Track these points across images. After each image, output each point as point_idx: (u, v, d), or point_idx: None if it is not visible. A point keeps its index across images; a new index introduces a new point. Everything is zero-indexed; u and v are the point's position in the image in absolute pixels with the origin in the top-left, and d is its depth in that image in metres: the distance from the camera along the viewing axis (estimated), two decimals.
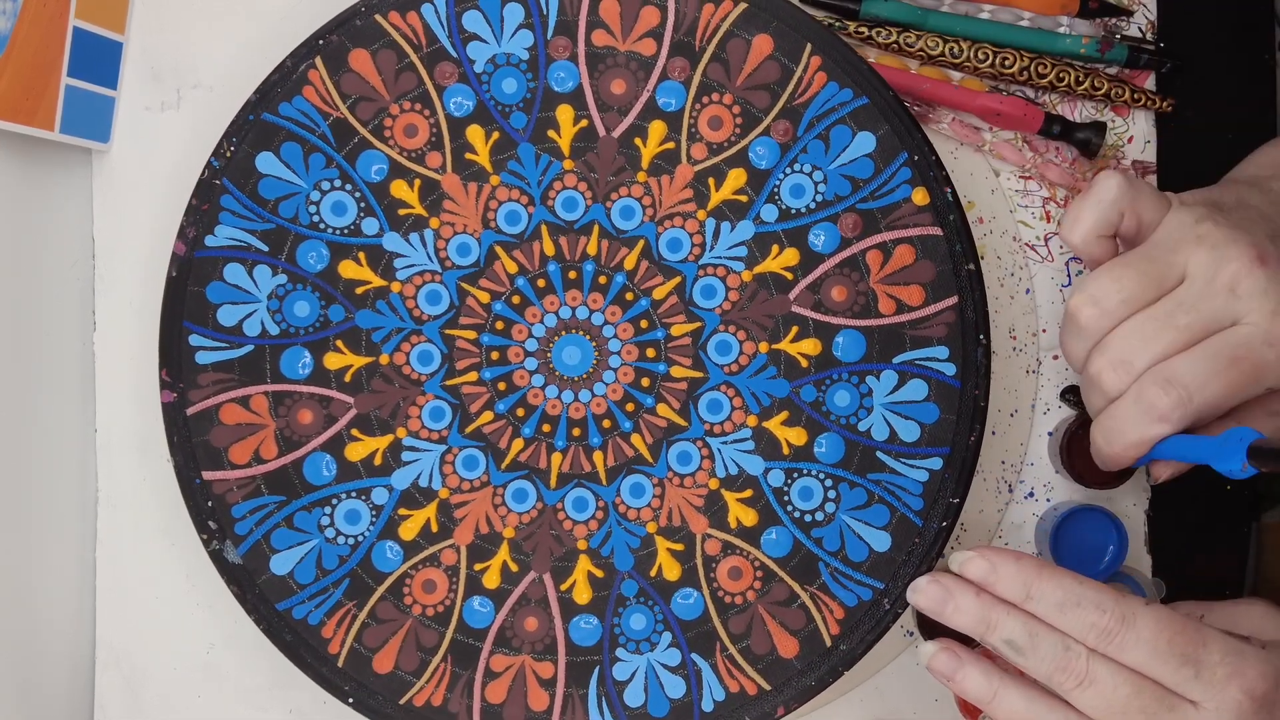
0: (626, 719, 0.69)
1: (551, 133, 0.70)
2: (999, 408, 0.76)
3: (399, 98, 0.70)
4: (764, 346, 0.70)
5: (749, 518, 0.70)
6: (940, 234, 0.69)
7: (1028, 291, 0.77)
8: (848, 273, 0.70)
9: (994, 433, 0.76)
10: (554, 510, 0.70)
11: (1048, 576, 0.59)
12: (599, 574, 0.70)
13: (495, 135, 0.70)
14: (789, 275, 0.70)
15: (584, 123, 0.70)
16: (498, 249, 0.70)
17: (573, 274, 0.70)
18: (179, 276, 0.70)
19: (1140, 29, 0.78)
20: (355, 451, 0.70)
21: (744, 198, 0.70)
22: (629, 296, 0.70)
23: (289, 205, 0.70)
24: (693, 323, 0.70)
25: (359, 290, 0.70)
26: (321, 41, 0.70)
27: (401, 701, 0.69)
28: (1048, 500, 0.77)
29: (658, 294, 0.70)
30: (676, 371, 0.70)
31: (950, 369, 0.69)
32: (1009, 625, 0.59)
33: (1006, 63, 0.75)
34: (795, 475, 0.69)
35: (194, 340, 0.70)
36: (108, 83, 0.77)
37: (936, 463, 0.69)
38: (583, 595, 0.70)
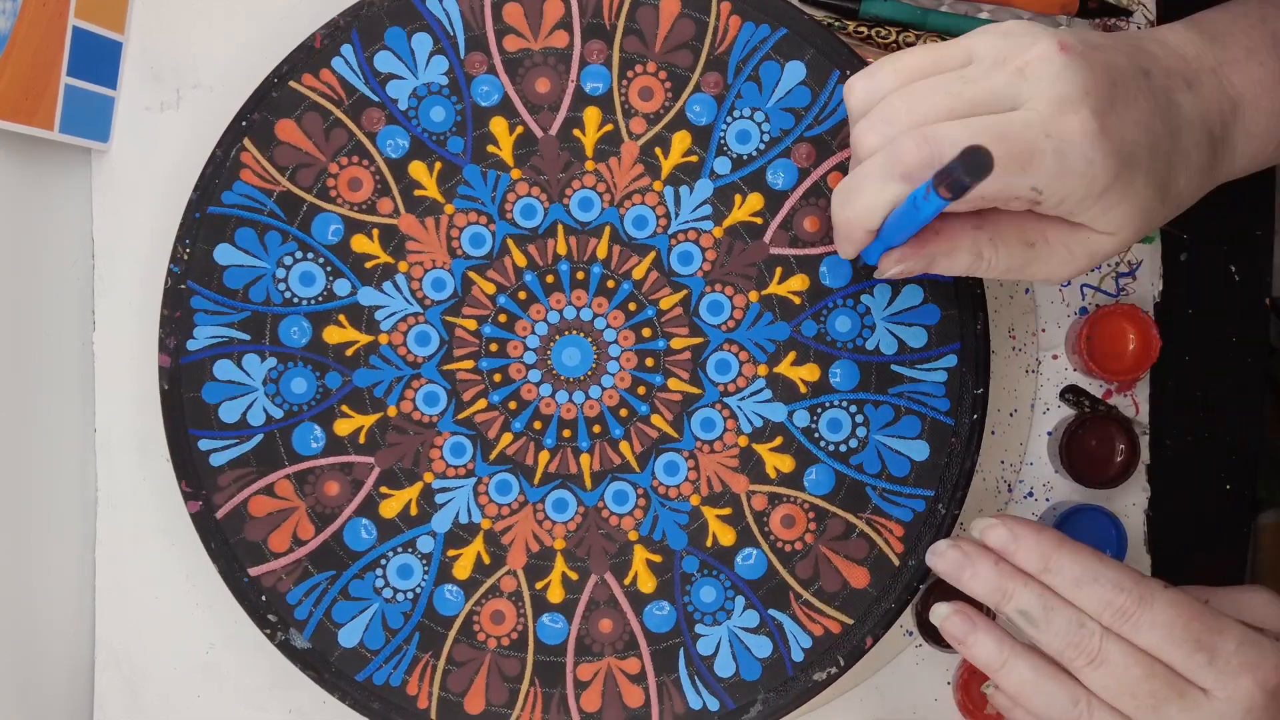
0: (723, 690, 0.69)
1: (491, 147, 0.70)
2: (999, 407, 0.76)
3: (335, 155, 0.70)
4: (754, 295, 0.70)
5: (786, 464, 0.70)
6: None
7: (1027, 291, 0.77)
8: (814, 201, 0.70)
9: (994, 432, 0.76)
10: (596, 510, 0.70)
11: (1068, 550, 0.59)
12: (656, 559, 0.70)
13: (438, 166, 0.70)
14: (759, 220, 0.70)
15: (520, 129, 0.70)
16: (471, 274, 0.70)
17: (550, 278, 0.70)
18: (171, 388, 0.70)
19: (1139, 29, 0.77)
20: (389, 508, 0.70)
21: (694, 158, 0.70)
22: (610, 284, 0.70)
23: (258, 289, 0.70)
24: (678, 292, 0.70)
25: (349, 352, 0.70)
26: (245, 122, 0.70)
27: None
28: (1047, 500, 0.77)
29: (637, 273, 0.70)
30: (677, 343, 0.70)
31: None
32: (1025, 596, 0.59)
33: None
34: (819, 410, 0.70)
35: (204, 445, 0.70)
36: (107, 82, 0.76)
37: (951, 360, 0.69)
38: (647, 584, 0.70)
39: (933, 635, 0.73)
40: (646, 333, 0.70)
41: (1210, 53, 0.60)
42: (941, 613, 0.62)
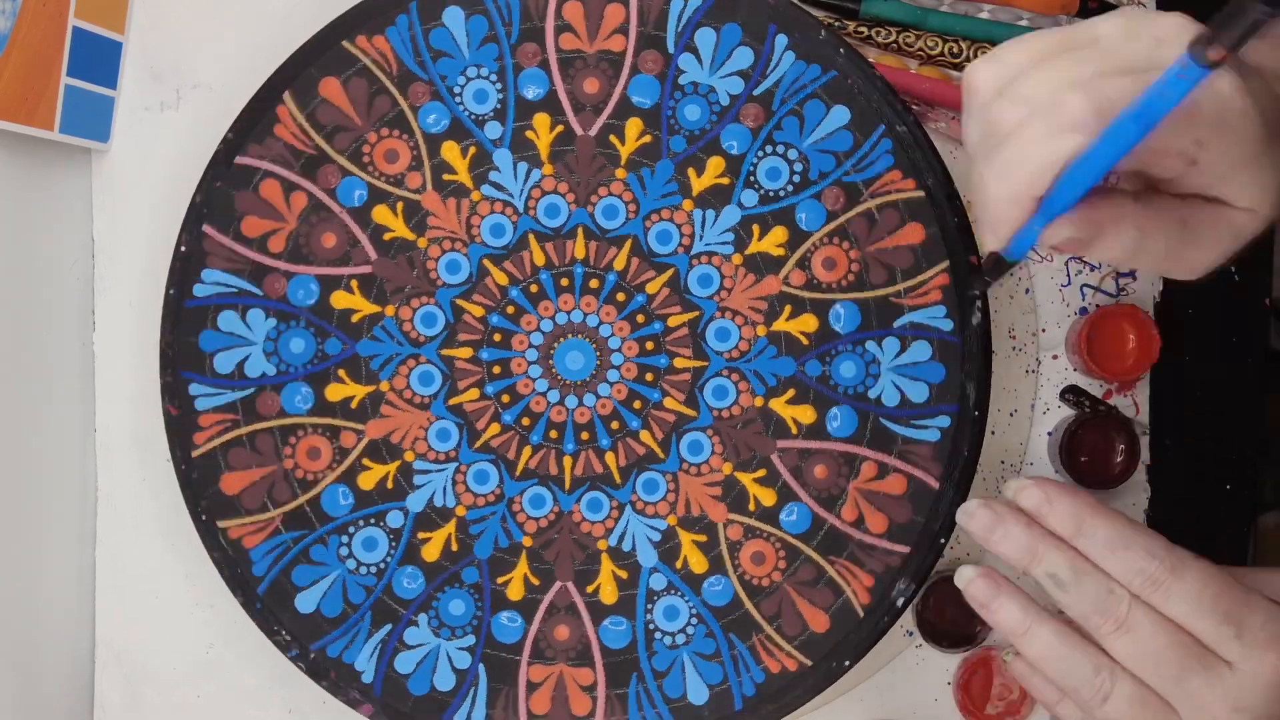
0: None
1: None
2: (999, 407, 0.76)
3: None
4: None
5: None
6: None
7: (1028, 291, 0.77)
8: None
9: (994, 432, 0.76)
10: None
11: (1102, 516, 0.58)
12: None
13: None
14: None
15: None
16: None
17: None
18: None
19: None
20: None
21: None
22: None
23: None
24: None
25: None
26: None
27: None
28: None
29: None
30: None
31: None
32: (1055, 559, 0.58)
33: None
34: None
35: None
36: (107, 82, 0.77)
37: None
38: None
39: (933, 635, 0.75)
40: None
41: None
42: (966, 575, 0.61)
